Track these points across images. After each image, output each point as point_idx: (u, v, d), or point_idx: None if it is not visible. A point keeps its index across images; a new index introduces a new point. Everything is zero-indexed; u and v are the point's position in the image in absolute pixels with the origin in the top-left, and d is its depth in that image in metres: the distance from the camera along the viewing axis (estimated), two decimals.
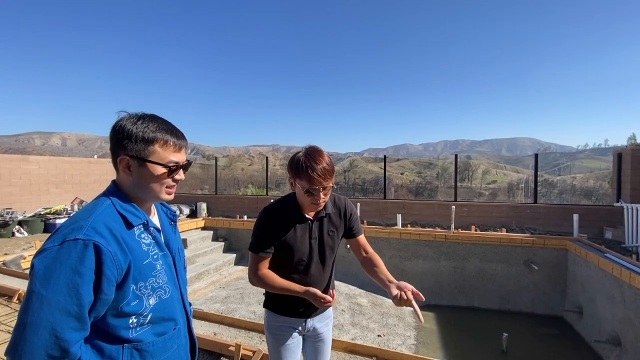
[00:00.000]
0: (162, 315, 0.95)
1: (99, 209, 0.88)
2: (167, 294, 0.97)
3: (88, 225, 0.82)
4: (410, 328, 5.06)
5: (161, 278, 0.95)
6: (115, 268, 0.82)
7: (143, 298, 0.90)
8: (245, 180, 21.01)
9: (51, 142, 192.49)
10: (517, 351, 4.71)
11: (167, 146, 0.94)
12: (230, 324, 2.80)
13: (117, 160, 0.94)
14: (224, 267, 6.97)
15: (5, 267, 4.36)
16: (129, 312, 0.88)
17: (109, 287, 0.82)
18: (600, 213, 6.58)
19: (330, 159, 1.37)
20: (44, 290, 0.74)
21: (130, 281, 0.86)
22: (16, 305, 3.27)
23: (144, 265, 0.90)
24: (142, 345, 0.90)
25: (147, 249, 0.93)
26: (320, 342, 1.57)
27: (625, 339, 4.10)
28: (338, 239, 1.54)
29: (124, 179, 0.96)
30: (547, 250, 5.81)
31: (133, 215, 0.92)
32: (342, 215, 1.53)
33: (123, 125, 0.92)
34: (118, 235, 0.85)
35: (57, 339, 0.75)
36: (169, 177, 0.96)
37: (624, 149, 6.67)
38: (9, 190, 7.58)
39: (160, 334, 0.95)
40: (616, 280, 4.29)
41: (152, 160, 0.93)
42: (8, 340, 2.51)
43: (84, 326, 0.80)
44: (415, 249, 6.50)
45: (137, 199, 0.97)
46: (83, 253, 0.78)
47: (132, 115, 0.95)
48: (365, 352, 2.31)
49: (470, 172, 42.91)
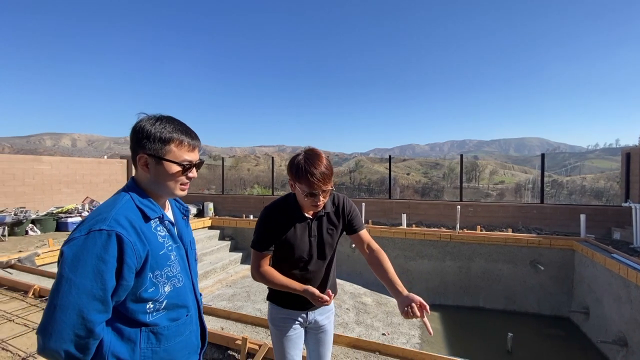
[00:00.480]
0: (175, 302, 1.02)
1: (120, 203, 0.95)
2: (181, 283, 1.04)
3: (111, 217, 0.89)
4: (414, 327, 5.08)
5: (175, 268, 1.02)
6: (135, 256, 0.89)
7: (159, 285, 0.97)
8: (252, 181, 21.16)
9: (61, 143, 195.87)
10: (522, 351, 4.70)
11: (182, 146, 1.01)
12: (237, 319, 2.87)
13: (136, 158, 1.01)
14: (230, 265, 7.07)
15: (21, 264, 4.50)
16: (147, 298, 0.95)
17: (129, 274, 0.89)
18: (608, 213, 6.52)
19: (328, 162, 1.41)
20: (72, 275, 0.82)
21: (148, 269, 0.94)
22: (32, 299, 3.38)
23: (160, 255, 0.97)
24: (157, 329, 0.98)
25: (162, 241, 1.00)
26: (322, 334, 1.63)
27: (631, 339, 4.08)
28: (337, 237, 1.59)
29: (142, 176, 1.03)
30: (553, 250, 5.78)
31: (150, 209, 0.99)
32: (340, 213, 1.57)
33: (142, 126, 0.99)
34: (137, 227, 0.93)
35: (83, 320, 0.82)
36: (183, 174, 1.03)
37: (633, 148, 6.59)
38: (23, 189, 7.78)
39: (174, 319, 1.02)
40: (623, 281, 4.27)
41: (168, 158, 1.00)
42: (25, 332, 2.63)
43: (107, 309, 0.87)
44: (420, 249, 6.51)
45: (154, 195, 1.04)
46: (107, 242, 0.85)
47: (150, 116, 1.02)
48: (368, 347, 2.36)
49: (478, 173, 42.52)
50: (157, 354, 0.97)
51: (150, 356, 0.96)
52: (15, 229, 6.57)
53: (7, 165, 7.56)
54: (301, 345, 1.60)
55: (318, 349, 1.64)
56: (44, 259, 4.91)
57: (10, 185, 7.58)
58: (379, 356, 2.31)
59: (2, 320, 2.91)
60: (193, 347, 1.10)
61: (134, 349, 0.93)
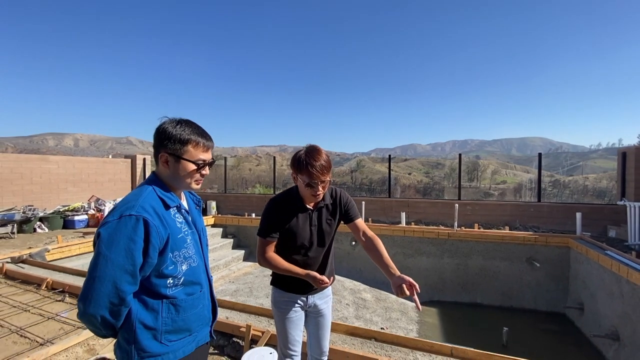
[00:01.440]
0: (191, 279, 1.19)
1: (145, 193, 1.11)
2: (195, 263, 1.20)
3: (138, 205, 1.05)
4: (412, 322, 5.22)
5: (191, 250, 1.19)
6: (158, 238, 1.06)
7: (177, 264, 1.13)
8: (253, 180, 21.30)
9: (64, 142, 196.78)
10: (518, 346, 4.82)
11: (198, 147, 1.17)
12: (241, 309, 3.02)
13: (158, 156, 1.17)
14: (233, 262, 7.23)
15: (32, 259, 4.66)
16: (167, 274, 1.12)
17: (154, 253, 1.05)
18: (604, 212, 6.63)
19: (327, 156, 1.57)
20: (108, 252, 0.98)
21: (169, 250, 1.10)
22: (45, 292, 3.54)
23: (178, 238, 1.14)
24: (176, 301, 1.14)
25: (180, 226, 1.16)
26: (321, 317, 1.78)
27: (623, 333, 4.19)
28: (335, 226, 1.75)
29: (163, 171, 1.18)
30: (549, 248, 5.90)
31: (169, 199, 1.16)
32: (337, 204, 1.73)
33: (165, 128, 1.15)
34: (160, 214, 1.09)
35: (117, 290, 0.98)
36: (197, 172, 1.19)
37: (628, 148, 6.70)
38: (30, 188, 7.97)
39: (189, 294, 1.19)
40: (615, 276, 4.38)
41: (186, 158, 1.15)
42: (41, 321, 2.80)
43: (135, 282, 1.04)
44: (418, 247, 6.64)
45: (172, 187, 1.20)
46: (136, 225, 1.02)
47: (172, 119, 1.18)
48: (365, 335, 2.50)
49: (479, 173, 42.43)
50: (176, 322, 1.14)
51: (170, 324, 1.12)
52: (23, 226, 6.75)
53: (15, 164, 7.74)
54: (302, 327, 1.75)
55: (317, 332, 1.79)
56: (53, 254, 5.08)
57: (19, 184, 7.77)
58: (375, 342, 2.45)
59: (19, 311, 3.07)
60: (205, 320, 1.27)
61: (156, 317, 1.10)
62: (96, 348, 2.50)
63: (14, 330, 2.68)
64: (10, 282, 3.85)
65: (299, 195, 1.64)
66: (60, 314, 2.97)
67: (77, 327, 2.73)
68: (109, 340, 2.60)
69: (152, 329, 1.09)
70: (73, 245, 5.46)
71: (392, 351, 2.36)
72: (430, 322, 5.51)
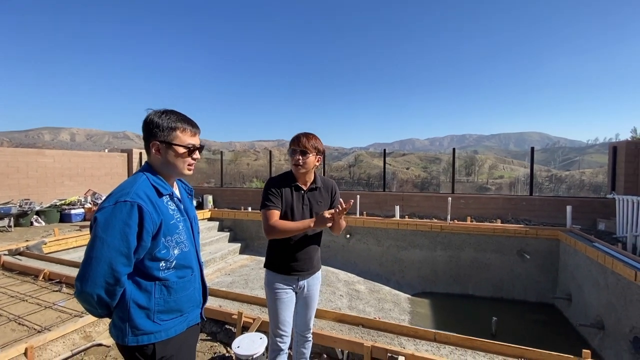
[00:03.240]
0: (182, 263, 1.26)
1: (139, 180, 1.18)
2: (187, 248, 1.28)
3: (133, 191, 1.12)
4: (405, 313, 5.34)
5: (182, 235, 1.26)
6: (151, 223, 1.13)
7: (170, 248, 1.21)
8: (251, 175, 21.32)
9: (60, 137, 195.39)
10: (506, 335, 4.94)
11: (185, 132, 1.24)
12: (234, 298, 3.11)
13: (149, 145, 1.23)
14: (229, 255, 7.31)
15: (29, 251, 4.72)
16: (160, 258, 1.19)
17: (147, 237, 1.13)
18: (594, 205, 6.73)
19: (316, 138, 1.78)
20: (104, 235, 1.05)
21: (162, 234, 1.17)
22: (42, 282, 3.61)
23: (170, 225, 1.21)
24: (168, 283, 1.22)
25: (172, 213, 1.24)
26: (309, 298, 1.91)
27: (607, 322, 4.32)
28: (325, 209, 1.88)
29: (155, 160, 1.25)
30: (539, 240, 6.01)
31: (162, 187, 1.22)
32: (329, 191, 1.92)
33: (152, 119, 1.22)
34: (153, 200, 1.16)
35: (112, 271, 1.05)
36: (189, 156, 1.26)
37: (619, 142, 6.79)
38: (27, 182, 7.99)
39: (181, 277, 1.26)
40: (601, 267, 4.50)
41: (176, 143, 1.22)
42: (39, 310, 2.87)
43: (130, 264, 1.11)
44: (412, 239, 6.74)
45: (165, 176, 1.27)
46: (130, 211, 1.08)
47: (157, 110, 1.25)
48: (352, 321, 2.59)
49: (477, 167, 42.56)
50: (168, 303, 1.21)
51: (162, 304, 1.20)
52: (20, 220, 6.80)
53: (11, 158, 7.76)
54: (292, 308, 1.86)
55: (305, 311, 1.92)
56: (50, 247, 5.14)
57: (15, 178, 7.79)
58: (362, 328, 2.54)
59: (17, 300, 3.14)
60: (196, 302, 1.34)
61: (149, 298, 1.18)
62: (92, 335, 2.58)
63: (12, 319, 2.75)
64: (7, 274, 3.91)
65: (293, 177, 1.83)
66: (57, 303, 3.04)
67: (74, 315, 2.81)
68: (105, 327, 2.68)
69: (145, 308, 1.16)
70: (70, 238, 5.52)
71: (378, 336, 2.45)
72: (422, 313, 5.63)
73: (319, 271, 1.96)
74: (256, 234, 8.10)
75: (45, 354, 2.29)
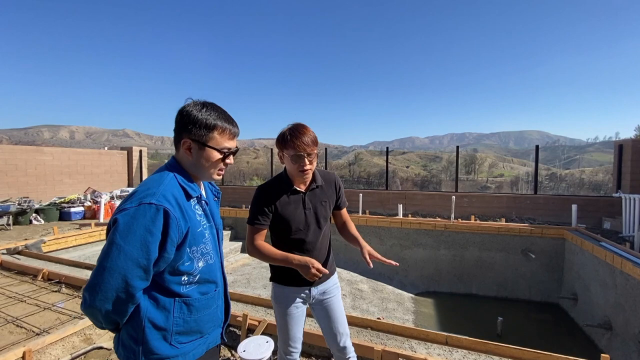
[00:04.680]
0: (207, 277, 1.10)
1: (167, 179, 1.01)
2: (212, 260, 1.12)
3: (159, 192, 0.96)
4: (409, 312, 5.27)
5: (208, 245, 1.10)
6: (177, 232, 0.96)
7: (194, 260, 1.05)
8: (251, 173, 21.26)
9: (59, 135, 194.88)
10: (512, 335, 4.89)
11: (224, 134, 1.08)
12: (237, 299, 3.03)
13: (180, 142, 1.06)
14: (230, 254, 7.25)
15: (28, 250, 4.64)
16: (182, 271, 1.03)
17: (171, 247, 0.96)
18: (599, 204, 6.67)
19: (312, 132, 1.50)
20: (122, 242, 0.89)
21: (187, 244, 1.01)
22: (41, 282, 3.54)
23: (197, 233, 1.04)
24: (189, 300, 1.05)
25: (199, 219, 1.07)
26: (329, 308, 1.64)
27: (615, 323, 4.26)
28: (330, 209, 1.66)
29: (184, 158, 1.08)
30: (544, 239, 5.95)
31: (191, 188, 1.06)
32: (332, 187, 1.66)
33: (189, 111, 1.04)
34: (181, 204, 1.00)
35: (126, 284, 0.90)
36: (222, 161, 1.10)
37: (625, 140, 6.72)
38: (26, 180, 7.91)
39: (204, 293, 1.10)
40: (609, 267, 4.43)
41: (211, 145, 1.06)
42: (37, 311, 2.79)
43: (148, 277, 0.95)
44: (415, 238, 6.67)
45: (193, 176, 1.11)
46: (155, 216, 0.92)
47: (197, 102, 1.07)
48: (361, 324, 2.52)
49: (477, 166, 42.60)
50: (188, 323, 1.05)
51: (181, 324, 1.04)
52: (19, 218, 6.72)
53: (10, 156, 7.67)
54: (303, 322, 1.66)
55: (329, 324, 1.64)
56: (49, 246, 5.06)
57: (14, 175, 7.70)
58: (371, 331, 2.47)
59: (15, 301, 3.06)
60: (218, 321, 1.18)
61: (167, 317, 1.01)
62: (93, 337, 2.51)
63: (10, 321, 2.67)
64: (6, 273, 3.83)
65: (289, 179, 1.55)
66: (56, 304, 2.96)
67: (74, 317, 2.73)
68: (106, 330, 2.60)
69: (162, 329, 1.00)
70: (69, 236, 5.44)
71: (388, 340, 2.38)
72: (426, 313, 5.57)
73: (334, 275, 1.69)
74: None
75: (44, 358, 2.22)
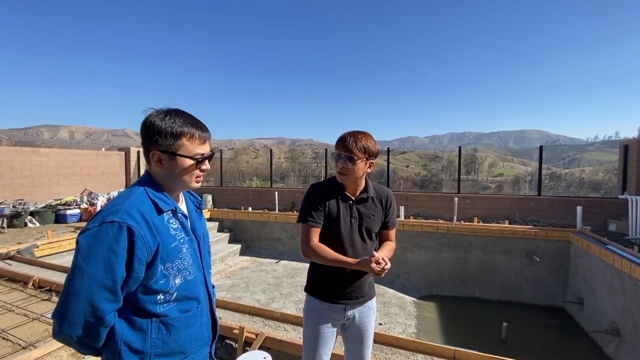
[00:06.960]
0: (186, 294, 1.03)
1: (134, 195, 0.96)
2: (192, 275, 1.05)
3: (123, 209, 0.90)
4: (411, 317, 5.15)
5: (186, 260, 1.03)
6: (145, 249, 0.91)
7: (170, 277, 0.98)
8: (250, 173, 21.14)
9: (59, 135, 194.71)
10: (517, 341, 4.78)
11: (193, 139, 1.01)
12: (234, 309, 2.91)
13: (149, 155, 1.01)
14: (229, 257, 7.12)
15: (20, 255, 4.52)
16: (157, 290, 0.96)
17: (139, 266, 0.90)
18: (604, 205, 6.56)
19: (367, 138, 1.46)
20: (84, 264, 0.85)
21: (159, 262, 0.95)
22: (31, 290, 3.41)
23: (171, 248, 0.98)
24: (168, 319, 0.99)
25: (174, 233, 1.01)
26: (362, 333, 1.56)
27: (624, 329, 4.14)
28: (377, 224, 1.57)
29: (156, 171, 1.03)
30: (549, 242, 5.83)
31: (163, 202, 1.00)
32: (382, 203, 1.58)
33: (152, 122, 0.98)
34: (149, 220, 0.94)
35: (93, 308, 0.85)
36: (196, 168, 1.04)
37: (630, 140, 6.60)
38: (21, 182, 7.77)
39: (184, 310, 1.03)
40: (617, 272, 4.32)
41: (181, 153, 1.00)
42: (26, 322, 2.66)
43: (117, 299, 0.89)
44: (417, 240, 6.56)
45: (168, 188, 1.05)
46: (118, 234, 0.87)
47: (159, 111, 1.01)
48: None
49: (477, 165, 42.55)
50: (168, 344, 0.99)
51: (160, 346, 0.98)
52: (14, 221, 6.58)
53: (5, 157, 7.53)
54: (332, 346, 1.55)
55: (357, 347, 1.57)
56: (42, 250, 4.94)
57: (9, 177, 7.57)
58: (375, 345, 2.35)
59: (2, 311, 2.94)
60: (204, 339, 1.11)
61: (145, 339, 0.95)
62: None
63: None
64: None
65: (340, 184, 1.52)
66: (45, 315, 2.84)
67: None
68: None
69: (139, 352, 0.95)
70: (64, 240, 5.31)
71: (392, 354, 2.26)
72: (428, 317, 5.45)
73: (372, 299, 1.59)
74: (257, 234, 7.90)
75: None
